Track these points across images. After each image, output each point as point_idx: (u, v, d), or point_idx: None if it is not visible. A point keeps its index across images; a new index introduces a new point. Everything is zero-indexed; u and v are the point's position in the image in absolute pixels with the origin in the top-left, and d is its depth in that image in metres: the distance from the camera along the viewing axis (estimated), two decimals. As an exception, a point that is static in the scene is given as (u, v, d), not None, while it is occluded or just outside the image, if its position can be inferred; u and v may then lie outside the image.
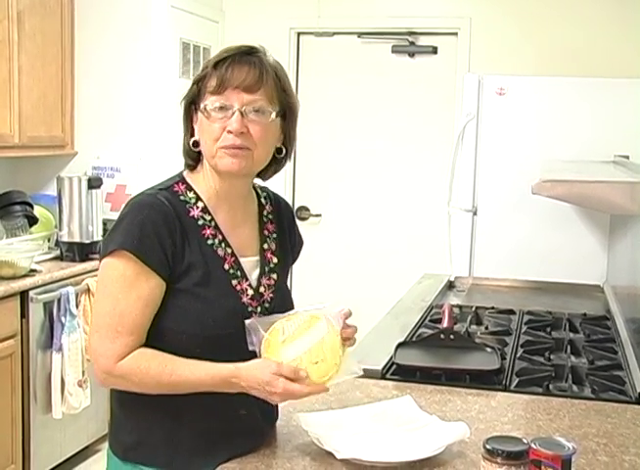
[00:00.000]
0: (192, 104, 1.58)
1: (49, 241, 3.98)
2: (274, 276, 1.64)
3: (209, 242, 1.56)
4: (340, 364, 1.50)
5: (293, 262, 1.77)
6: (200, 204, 1.58)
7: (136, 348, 1.49)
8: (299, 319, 1.51)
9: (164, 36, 4.30)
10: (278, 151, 1.61)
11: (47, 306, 3.49)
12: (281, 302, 1.64)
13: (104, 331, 1.49)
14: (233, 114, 1.51)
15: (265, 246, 1.66)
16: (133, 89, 4.24)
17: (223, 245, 1.58)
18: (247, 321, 1.50)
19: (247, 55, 1.54)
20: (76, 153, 4.29)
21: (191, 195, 1.59)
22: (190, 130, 1.60)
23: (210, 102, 1.52)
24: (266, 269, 1.64)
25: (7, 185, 4.03)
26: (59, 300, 3.51)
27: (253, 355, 1.50)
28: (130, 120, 4.25)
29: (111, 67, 4.24)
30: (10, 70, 3.70)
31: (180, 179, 1.61)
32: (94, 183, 3.95)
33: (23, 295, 3.36)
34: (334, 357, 1.50)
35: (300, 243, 1.80)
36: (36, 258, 3.59)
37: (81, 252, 3.84)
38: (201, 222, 1.57)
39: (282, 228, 1.72)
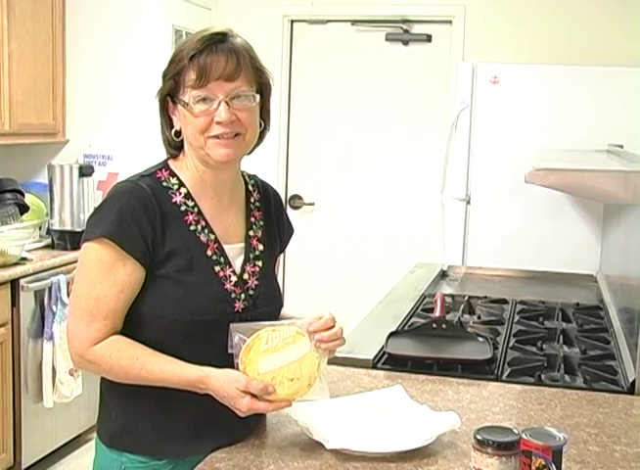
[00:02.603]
0: (167, 96, 1.56)
1: (40, 229, 3.97)
2: (259, 263, 1.63)
3: (192, 228, 1.56)
4: (312, 386, 1.51)
5: (281, 251, 1.76)
6: (182, 190, 1.57)
7: (110, 333, 1.49)
8: (285, 333, 1.50)
9: (156, 23, 4.27)
10: None
11: (38, 295, 3.48)
12: (266, 289, 1.63)
13: (79, 314, 1.50)
14: (219, 104, 1.50)
15: (251, 233, 1.65)
16: (125, 77, 4.21)
17: (206, 231, 1.57)
18: (231, 325, 1.49)
19: (221, 43, 1.51)
20: (68, 140, 4.26)
21: (174, 181, 1.58)
22: (168, 122, 1.58)
23: (193, 96, 1.51)
24: (251, 256, 1.63)
25: (-3, 173, 4.01)
26: (50, 288, 3.50)
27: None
28: (122, 108, 4.22)
29: (102, 53, 4.20)
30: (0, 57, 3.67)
31: (164, 166, 1.61)
32: (85, 171, 3.93)
33: (14, 283, 3.35)
34: (309, 378, 1.50)
35: (290, 231, 1.79)
36: (27, 247, 3.58)
37: (72, 240, 3.82)
38: (183, 208, 1.56)
39: (269, 216, 1.71)
